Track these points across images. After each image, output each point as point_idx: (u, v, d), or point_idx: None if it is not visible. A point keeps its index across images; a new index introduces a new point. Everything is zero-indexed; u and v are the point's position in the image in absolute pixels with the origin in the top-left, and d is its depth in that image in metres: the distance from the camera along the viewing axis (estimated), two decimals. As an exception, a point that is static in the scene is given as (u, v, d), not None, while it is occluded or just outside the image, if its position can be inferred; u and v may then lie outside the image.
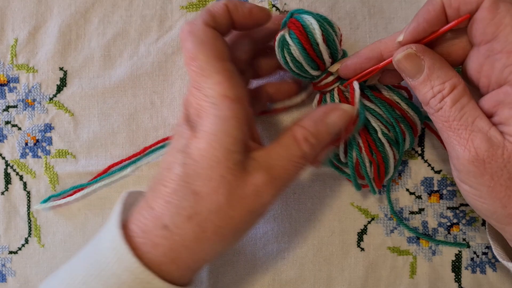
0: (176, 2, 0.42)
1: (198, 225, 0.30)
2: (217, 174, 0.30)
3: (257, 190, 0.30)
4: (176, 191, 0.30)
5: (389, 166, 0.37)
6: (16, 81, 0.42)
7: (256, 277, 0.42)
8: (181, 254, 0.30)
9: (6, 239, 0.43)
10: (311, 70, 0.35)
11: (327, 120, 0.33)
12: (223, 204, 0.30)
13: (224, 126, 0.30)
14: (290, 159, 0.31)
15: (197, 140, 0.30)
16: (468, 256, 0.42)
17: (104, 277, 0.30)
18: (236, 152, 0.30)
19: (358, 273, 0.42)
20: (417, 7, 0.42)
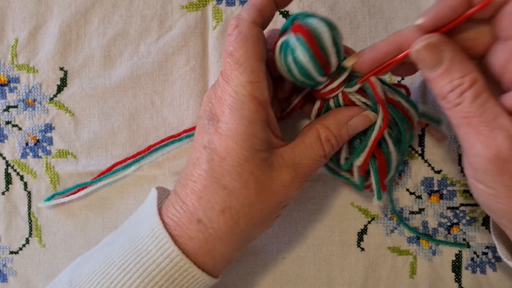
0: (176, 2, 0.42)
1: (231, 218, 0.32)
2: (246, 171, 0.31)
3: (284, 185, 0.32)
4: (206, 187, 0.32)
5: (391, 167, 0.36)
6: (16, 81, 0.42)
7: (256, 277, 0.42)
8: (216, 246, 0.32)
9: (7, 239, 0.43)
10: (317, 76, 0.33)
11: (351, 123, 0.34)
12: (253, 198, 0.32)
13: (251, 127, 0.31)
14: (313, 158, 0.33)
15: (223, 137, 0.31)
16: (468, 256, 0.42)
17: (143, 264, 0.32)
18: (263, 151, 0.32)
19: (358, 273, 0.42)
20: (417, 7, 0.42)
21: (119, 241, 0.34)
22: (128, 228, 0.35)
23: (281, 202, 0.33)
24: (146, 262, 0.32)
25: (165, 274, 0.32)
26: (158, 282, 0.32)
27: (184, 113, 0.42)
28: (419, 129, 0.42)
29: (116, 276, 0.32)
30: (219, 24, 0.42)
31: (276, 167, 0.32)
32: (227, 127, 0.31)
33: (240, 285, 0.42)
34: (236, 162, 0.31)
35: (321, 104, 0.36)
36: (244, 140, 0.31)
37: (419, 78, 0.42)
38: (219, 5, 0.42)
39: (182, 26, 0.42)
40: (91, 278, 0.32)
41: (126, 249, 0.33)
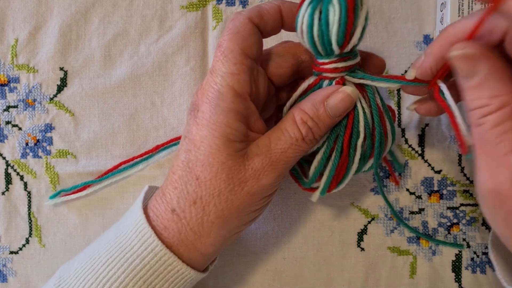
0: (176, 2, 0.42)
1: (202, 209, 0.32)
2: (217, 161, 0.31)
3: (256, 173, 0.31)
4: (181, 177, 0.32)
5: (347, 177, 0.34)
6: (16, 81, 0.42)
7: (256, 277, 0.42)
8: (189, 237, 0.32)
9: (7, 239, 0.43)
10: (334, 43, 0.30)
11: (329, 102, 0.32)
12: (223, 188, 0.31)
13: (225, 117, 0.31)
14: (289, 141, 0.32)
15: (199, 126, 0.31)
16: (468, 256, 0.42)
17: (127, 259, 0.32)
18: (237, 142, 0.31)
19: (358, 273, 0.42)
20: (417, 7, 0.42)
21: (106, 237, 0.34)
22: (116, 225, 0.35)
23: (253, 193, 0.32)
24: (130, 257, 0.32)
25: (149, 268, 0.32)
26: (143, 277, 0.32)
27: (184, 113, 0.42)
28: (419, 129, 0.42)
29: (102, 272, 0.32)
30: (219, 24, 0.42)
31: (249, 156, 0.31)
32: (203, 116, 0.31)
33: (240, 285, 0.42)
34: (208, 151, 0.31)
35: (314, 81, 0.33)
36: (217, 129, 0.31)
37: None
38: (219, 5, 0.42)
39: (182, 26, 0.42)
40: (78, 274, 0.33)
41: (111, 245, 0.33)
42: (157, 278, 0.32)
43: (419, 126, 0.42)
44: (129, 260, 0.32)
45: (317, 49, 0.32)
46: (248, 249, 0.42)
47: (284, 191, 0.42)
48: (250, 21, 0.32)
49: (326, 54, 0.32)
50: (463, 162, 0.41)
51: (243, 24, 0.32)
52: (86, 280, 0.32)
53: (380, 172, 0.42)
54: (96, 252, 0.33)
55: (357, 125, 0.32)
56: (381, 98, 0.34)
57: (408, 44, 0.42)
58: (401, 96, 0.42)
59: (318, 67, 0.33)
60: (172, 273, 0.32)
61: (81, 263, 0.33)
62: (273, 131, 0.32)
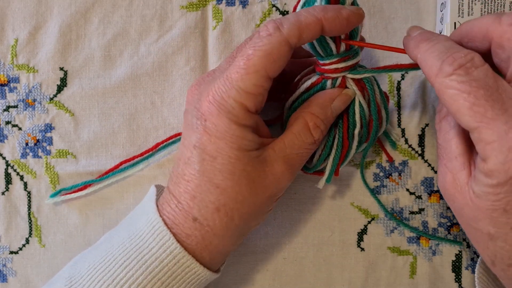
0: (176, 2, 0.42)
1: (226, 215, 0.32)
2: (237, 169, 0.31)
3: (276, 177, 0.33)
4: (199, 186, 0.32)
5: (346, 161, 0.37)
6: (16, 81, 0.42)
7: (256, 277, 0.42)
8: (213, 242, 0.33)
9: (7, 239, 0.43)
10: (333, 44, 0.33)
11: (334, 104, 0.34)
12: (246, 194, 0.32)
13: (240, 131, 0.31)
14: (304, 146, 0.33)
15: (212, 138, 0.31)
16: (468, 256, 0.42)
17: (145, 260, 0.32)
18: (253, 151, 0.32)
19: (358, 273, 0.42)
20: (417, 7, 0.42)
21: (118, 237, 0.34)
22: (127, 225, 0.35)
23: (273, 195, 0.33)
24: (149, 259, 0.32)
25: (167, 270, 0.32)
26: (161, 279, 0.32)
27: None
28: (419, 129, 0.42)
29: (119, 273, 0.32)
30: (219, 24, 0.42)
31: (268, 161, 0.32)
32: (215, 128, 0.31)
33: (240, 284, 0.42)
34: (227, 161, 0.31)
35: (317, 80, 0.35)
36: (234, 141, 0.31)
37: (419, 78, 0.42)
38: (219, 5, 0.42)
39: (182, 26, 0.42)
40: (92, 275, 0.33)
41: (126, 246, 0.33)
42: (175, 279, 0.32)
43: (419, 126, 0.42)
44: (148, 262, 0.32)
45: (317, 51, 0.34)
46: (248, 249, 0.42)
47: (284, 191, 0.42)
48: (287, 43, 0.30)
49: (326, 55, 0.34)
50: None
51: (279, 46, 0.30)
52: (102, 281, 0.32)
53: (380, 172, 0.42)
54: (110, 253, 0.33)
55: (353, 117, 0.35)
56: (379, 89, 0.36)
57: (408, 44, 0.42)
58: (401, 96, 0.42)
59: (320, 68, 0.35)
60: (190, 275, 0.33)
61: (93, 264, 0.33)
62: (287, 136, 0.33)
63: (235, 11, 0.42)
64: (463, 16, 0.38)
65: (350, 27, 0.32)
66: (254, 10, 0.42)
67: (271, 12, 0.42)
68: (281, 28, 0.30)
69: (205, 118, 0.31)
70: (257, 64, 0.30)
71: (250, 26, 0.42)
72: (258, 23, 0.42)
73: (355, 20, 0.32)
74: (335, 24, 0.31)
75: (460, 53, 0.28)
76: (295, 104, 0.36)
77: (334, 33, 0.32)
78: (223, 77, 0.31)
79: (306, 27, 0.30)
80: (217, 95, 0.31)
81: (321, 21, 0.30)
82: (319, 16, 0.30)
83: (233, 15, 0.42)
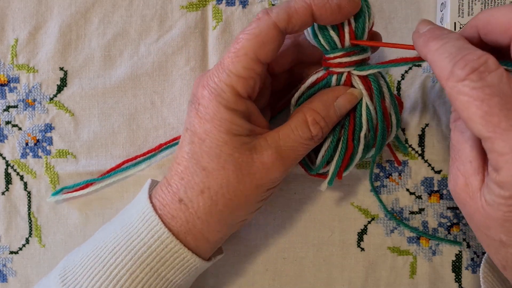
0: (176, 2, 0.42)
1: (210, 199, 0.32)
2: (224, 153, 0.31)
3: (265, 167, 0.32)
4: (187, 168, 0.32)
5: (351, 165, 0.36)
6: (16, 81, 0.42)
7: (256, 277, 0.42)
8: (196, 225, 0.33)
9: (7, 239, 0.43)
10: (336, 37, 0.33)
11: (337, 103, 0.33)
12: (232, 179, 0.32)
13: (229, 115, 0.31)
14: (299, 141, 0.33)
15: (202, 120, 0.32)
16: (468, 256, 0.42)
17: (134, 246, 0.32)
18: (242, 136, 0.32)
19: (358, 273, 0.42)
20: (417, 7, 0.42)
21: (111, 226, 0.35)
22: (121, 215, 0.36)
23: (261, 185, 0.33)
24: (137, 244, 0.32)
25: (156, 255, 0.32)
26: (149, 264, 0.32)
27: (184, 113, 0.42)
28: (419, 129, 0.42)
29: (109, 260, 0.32)
30: (219, 24, 0.42)
31: (258, 149, 0.32)
32: (205, 111, 0.31)
33: (240, 285, 0.42)
34: (215, 144, 0.31)
35: (323, 75, 0.35)
36: (222, 124, 0.31)
37: (419, 78, 0.42)
38: (219, 5, 0.42)
39: (182, 26, 0.42)
40: (84, 263, 0.33)
41: (117, 233, 0.33)
42: (164, 265, 0.33)
43: (419, 126, 0.42)
44: (136, 248, 0.32)
45: (322, 44, 0.33)
46: (248, 249, 0.42)
47: (284, 191, 0.42)
48: (275, 26, 0.30)
49: (331, 48, 0.33)
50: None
51: (267, 28, 0.31)
52: (93, 269, 0.32)
53: (380, 172, 0.42)
54: (101, 241, 0.34)
55: (359, 118, 0.34)
56: (390, 92, 0.35)
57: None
58: (401, 96, 0.42)
59: (326, 62, 0.34)
60: (178, 261, 0.33)
61: (86, 253, 0.34)
62: (283, 128, 0.33)
63: (235, 11, 0.42)
64: (463, 16, 0.38)
65: (343, 15, 0.31)
66: (254, 10, 0.42)
67: (271, 12, 0.42)
68: (269, 12, 0.31)
69: (199, 102, 0.32)
70: (246, 46, 0.31)
71: (250, 26, 0.42)
72: (258, 23, 0.42)
73: (348, 7, 0.31)
74: (326, 10, 0.31)
75: (472, 55, 0.26)
76: (300, 100, 0.35)
77: (328, 21, 0.31)
78: (217, 64, 0.32)
79: (295, 11, 0.30)
80: (210, 80, 0.32)
81: (311, 6, 0.30)
82: (308, 1, 0.30)
83: (233, 15, 0.42)
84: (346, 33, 0.33)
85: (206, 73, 0.33)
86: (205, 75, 0.33)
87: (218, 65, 0.32)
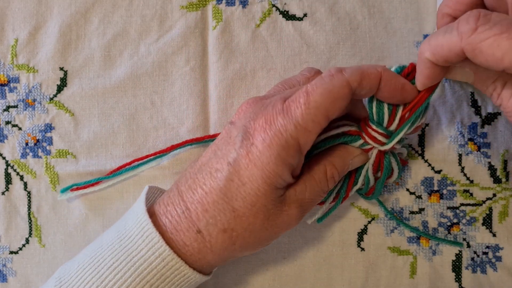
0: (176, 2, 0.42)
1: (230, 239, 0.32)
2: (260, 203, 0.31)
3: (290, 218, 0.33)
4: (216, 202, 0.32)
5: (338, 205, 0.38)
6: (16, 81, 0.42)
7: (256, 277, 0.42)
8: (207, 257, 0.33)
9: (7, 239, 0.43)
10: (387, 116, 0.34)
11: (352, 162, 0.35)
12: (258, 227, 0.32)
13: (281, 169, 0.31)
14: (319, 194, 0.34)
15: (251, 164, 0.31)
16: (468, 256, 0.42)
17: (134, 263, 0.32)
18: (281, 189, 0.32)
19: (358, 273, 0.42)
20: (416, 7, 0.42)
21: (107, 237, 0.34)
22: (117, 226, 0.35)
23: (279, 234, 0.34)
24: (138, 260, 0.32)
25: (156, 273, 0.32)
26: (149, 281, 0.32)
27: (184, 113, 0.42)
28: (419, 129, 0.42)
29: (107, 275, 0.32)
30: (219, 24, 0.42)
31: (287, 202, 0.33)
32: (258, 156, 0.30)
33: (240, 284, 0.42)
34: (254, 192, 0.31)
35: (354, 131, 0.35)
36: (270, 176, 0.31)
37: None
38: (219, 5, 0.42)
39: (182, 26, 0.42)
40: (81, 275, 0.33)
41: (116, 247, 0.33)
42: (164, 282, 0.32)
43: (419, 126, 0.42)
44: (136, 264, 0.32)
45: (371, 112, 0.34)
46: (248, 249, 0.42)
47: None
48: (348, 85, 0.30)
49: (377, 121, 0.34)
50: (463, 162, 0.41)
51: (341, 87, 0.30)
52: (91, 283, 0.32)
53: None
54: (99, 254, 0.33)
55: (358, 177, 0.37)
56: (397, 161, 0.37)
57: (408, 44, 0.42)
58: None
59: (364, 126, 0.35)
60: (179, 277, 0.33)
61: (82, 264, 0.33)
62: (309, 180, 0.34)
63: (235, 11, 0.42)
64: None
65: (403, 96, 0.32)
66: (254, 10, 0.42)
67: (271, 12, 0.42)
68: (343, 71, 0.31)
69: (253, 142, 0.31)
70: (318, 100, 0.30)
71: (250, 26, 0.42)
72: (258, 23, 0.42)
73: (409, 91, 0.32)
74: (391, 84, 0.31)
75: (465, 16, 0.27)
76: (321, 144, 0.35)
77: (387, 95, 0.32)
78: (283, 108, 0.31)
79: (368, 75, 0.31)
80: (273, 125, 0.31)
81: (381, 74, 0.31)
82: (379, 69, 0.31)
83: (233, 15, 0.42)
84: (397, 118, 0.34)
85: (266, 108, 0.31)
86: (266, 110, 0.31)
87: (286, 113, 0.30)
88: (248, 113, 0.33)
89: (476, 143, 0.41)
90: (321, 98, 0.30)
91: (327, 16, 0.42)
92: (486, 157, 0.41)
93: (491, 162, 0.41)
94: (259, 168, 0.30)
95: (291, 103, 0.31)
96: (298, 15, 0.42)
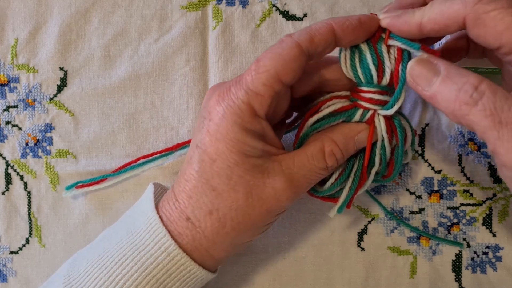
0: (176, 2, 0.42)
1: (218, 220, 0.32)
2: (235, 174, 0.31)
3: (276, 193, 0.32)
4: (196, 187, 0.32)
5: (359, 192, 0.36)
6: (16, 81, 0.42)
7: (256, 277, 0.42)
8: (203, 244, 0.33)
9: (7, 239, 0.43)
10: (375, 71, 0.32)
11: (358, 137, 0.33)
12: (241, 202, 0.31)
13: (242, 135, 0.30)
14: (314, 170, 0.32)
15: (213, 139, 0.31)
16: (468, 256, 0.42)
17: (141, 257, 0.32)
18: (255, 157, 0.31)
19: (358, 273, 0.42)
20: (417, 7, 0.42)
21: (116, 235, 0.34)
22: (125, 223, 0.35)
23: (271, 210, 0.32)
24: (144, 256, 0.32)
25: (162, 267, 0.32)
26: (155, 276, 0.32)
27: (184, 113, 0.42)
28: (419, 129, 0.42)
29: (114, 270, 0.32)
30: (219, 24, 0.42)
31: (271, 174, 0.31)
32: (217, 129, 0.31)
33: (240, 284, 0.42)
34: (226, 165, 0.31)
35: (349, 106, 0.33)
36: (234, 145, 0.30)
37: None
38: (219, 5, 0.42)
39: (182, 26, 0.42)
40: (89, 272, 0.33)
41: (123, 243, 0.33)
42: (170, 277, 0.33)
43: (419, 126, 0.42)
44: (143, 259, 0.32)
45: (358, 74, 0.33)
46: (248, 249, 0.42)
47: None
48: (297, 45, 0.30)
49: (366, 82, 0.33)
50: (463, 162, 0.41)
51: (289, 47, 0.30)
52: (99, 278, 0.32)
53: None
54: (107, 251, 0.33)
55: (374, 156, 0.34)
56: (412, 133, 0.35)
57: (408, 44, 0.42)
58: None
59: (356, 94, 0.33)
60: (184, 273, 0.33)
61: (91, 262, 0.33)
62: (298, 155, 0.32)
63: (235, 11, 0.42)
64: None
65: (364, 29, 0.31)
66: (254, 10, 0.42)
67: (271, 12, 0.42)
68: (291, 35, 0.31)
69: (210, 118, 0.31)
70: (267, 64, 0.30)
71: (250, 26, 0.42)
72: (258, 23, 0.42)
73: (368, 21, 0.32)
74: (347, 26, 0.31)
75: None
76: (317, 125, 0.34)
77: (351, 38, 0.31)
78: (235, 79, 0.31)
79: (317, 31, 0.31)
80: (225, 95, 0.31)
81: (331, 25, 0.31)
82: (328, 21, 0.31)
83: (233, 15, 0.42)
84: (387, 72, 0.32)
85: (221, 86, 0.32)
86: (220, 88, 0.32)
87: (236, 81, 0.31)
88: (209, 95, 0.33)
89: (476, 143, 0.41)
90: (270, 62, 0.30)
91: (327, 16, 0.42)
92: (486, 157, 0.41)
93: (491, 162, 0.41)
94: (221, 141, 0.31)
95: (243, 74, 0.31)
96: (298, 15, 0.42)
